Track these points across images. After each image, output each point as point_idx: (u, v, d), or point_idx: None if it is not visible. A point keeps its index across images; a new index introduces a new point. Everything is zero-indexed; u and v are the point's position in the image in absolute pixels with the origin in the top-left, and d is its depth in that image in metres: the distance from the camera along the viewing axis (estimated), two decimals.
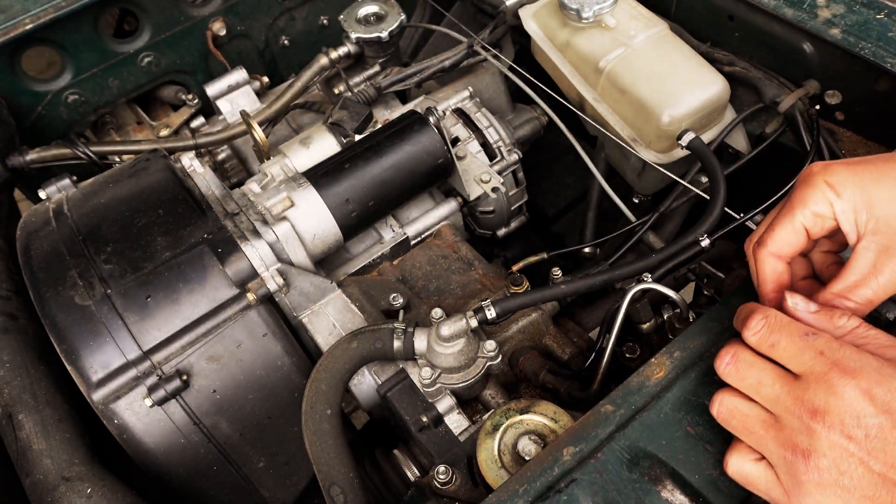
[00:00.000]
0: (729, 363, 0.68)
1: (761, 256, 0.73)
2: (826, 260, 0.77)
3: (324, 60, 1.44)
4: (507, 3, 1.44)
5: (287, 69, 1.87)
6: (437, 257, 1.25)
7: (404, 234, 1.25)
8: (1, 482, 0.99)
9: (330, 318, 1.10)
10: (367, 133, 1.25)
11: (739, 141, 1.22)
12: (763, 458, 0.66)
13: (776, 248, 0.72)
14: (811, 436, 0.61)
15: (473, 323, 0.93)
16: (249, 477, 1.03)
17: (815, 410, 0.60)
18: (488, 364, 0.98)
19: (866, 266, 0.68)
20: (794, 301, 0.69)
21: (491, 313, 0.93)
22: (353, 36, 1.43)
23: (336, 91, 1.48)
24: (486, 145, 1.32)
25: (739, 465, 0.68)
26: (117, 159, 1.46)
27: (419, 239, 1.27)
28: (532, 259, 1.23)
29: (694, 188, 1.17)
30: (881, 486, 0.59)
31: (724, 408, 0.69)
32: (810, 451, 0.61)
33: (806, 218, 0.70)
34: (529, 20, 1.33)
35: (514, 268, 1.20)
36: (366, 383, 1.06)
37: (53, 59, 1.54)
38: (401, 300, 1.10)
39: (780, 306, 0.70)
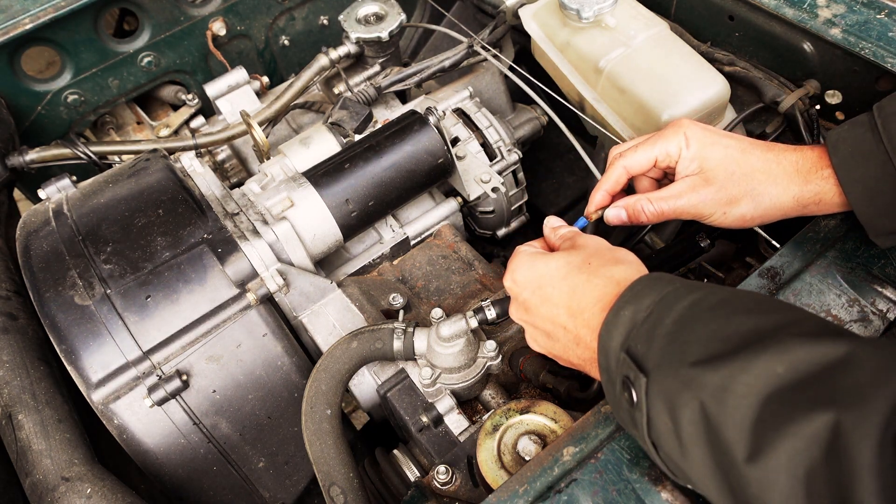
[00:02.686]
0: None
1: (616, 164, 0.95)
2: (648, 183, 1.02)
3: (324, 60, 1.44)
4: (507, 3, 1.44)
5: (287, 69, 1.87)
6: (437, 257, 1.25)
7: (404, 234, 1.25)
8: (1, 482, 0.99)
9: (330, 318, 1.10)
10: (367, 133, 1.24)
11: None
12: None
13: (628, 164, 0.95)
14: (512, 317, 0.90)
15: (473, 323, 0.93)
16: (249, 477, 1.03)
17: (511, 303, 0.89)
18: (488, 364, 0.98)
19: (675, 190, 0.91)
20: (546, 220, 0.95)
21: (491, 313, 0.93)
22: (353, 36, 1.43)
23: (336, 91, 1.48)
24: (486, 145, 1.32)
25: None
26: (117, 159, 1.46)
27: (419, 239, 1.27)
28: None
29: None
30: (546, 337, 0.83)
31: None
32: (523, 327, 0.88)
33: (660, 152, 0.92)
34: (529, 20, 1.33)
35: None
36: (366, 383, 1.06)
37: (53, 58, 1.54)
38: (401, 300, 1.10)
39: (604, 201, 0.98)
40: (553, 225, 0.94)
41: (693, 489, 0.71)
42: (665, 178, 1.00)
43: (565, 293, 0.79)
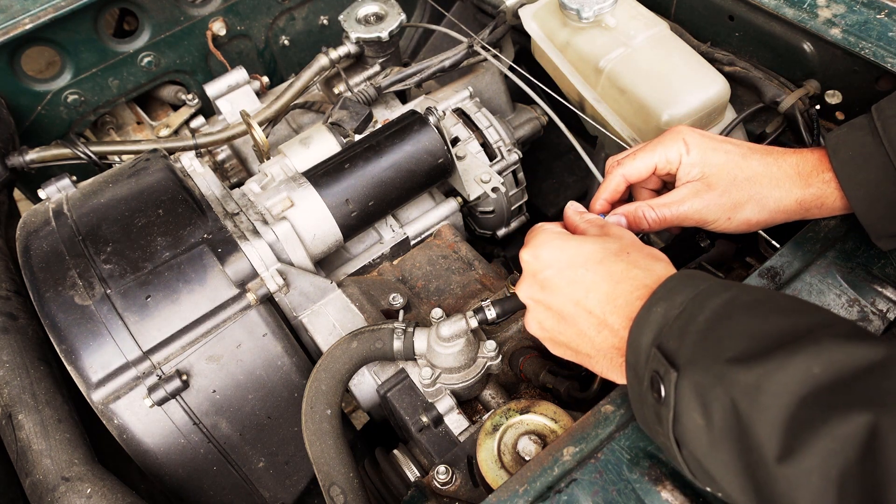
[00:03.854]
0: None
1: (614, 172, 0.94)
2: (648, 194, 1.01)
3: (324, 60, 1.44)
4: (507, 3, 1.44)
5: (287, 69, 1.87)
6: (437, 257, 1.25)
7: (404, 234, 1.25)
8: (1, 482, 0.99)
9: (330, 318, 1.10)
10: (366, 133, 1.24)
11: None
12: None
13: (627, 172, 0.93)
14: (521, 299, 0.85)
15: (473, 323, 0.93)
16: (249, 477, 1.03)
17: (521, 278, 0.85)
18: (488, 364, 0.98)
19: (678, 196, 0.90)
20: (569, 204, 0.93)
21: (491, 313, 0.93)
22: (353, 36, 1.43)
23: (336, 91, 1.48)
24: (486, 145, 1.32)
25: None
26: (117, 159, 1.46)
27: (419, 239, 1.27)
28: None
29: None
30: (558, 320, 0.80)
31: None
32: (527, 306, 0.85)
33: (660, 158, 0.91)
34: (529, 20, 1.33)
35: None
36: (366, 383, 1.06)
37: (53, 58, 1.54)
38: (401, 300, 1.10)
39: (603, 211, 0.96)
40: (578, 209, 0.92)
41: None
42: (664, 187, 1.00)
43: (601, 277, 0.77)
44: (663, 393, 0.65)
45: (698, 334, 0.64)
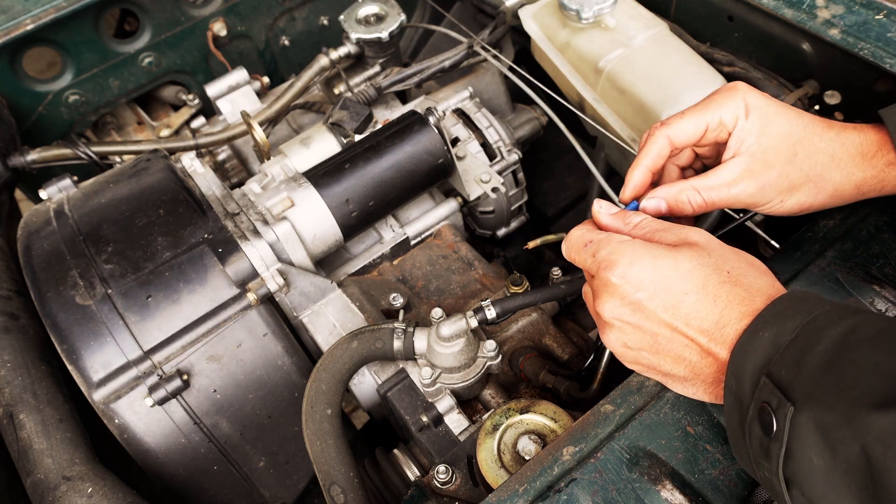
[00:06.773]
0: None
1: (657, 133, 0.79)
2: (676, 171, 0.87)
3: (324, 60, 1.45)
4: (507, 3, 1.44)
5: (287, 69, 1.87)
6: (437, 257, 1.25)
7: (404, 234, 1.25)
8: (2, 481, 0.99)
9: (330, 317, 1.11)
10: (367, 133, 1.25)
11: None
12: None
13: (673, 133, 0.78)
14: (600, 315, 0.74)
15: (473, 323, 0.93)
16: (250, 476, 1.04)
17: (597, 295, 0.73)
18: (488, 364, 0.98)
19: (728, 176, 0.76)
20: (599, 205, 0.79)
21: (491, 313, 0.93)
22: (354, 36, 1.44)
23: (336, 91, 1.48)
24: (486, 145, 1.32)
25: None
26: (118, 159, 1.46)
27: (419, 239, 1.28)
28: (550, 238, 1.06)
29: None
30: (652, 344, 0.71)
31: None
32: (602, 325, 0.74)
33: (713, 119, 0.77)
34: (529, 20, 1.33)
35: (531, 244, 1.05)
36: (366, 383, 1.06)
37: (54, 59, 1.55)
38: (401, 300, 1.10)
39: (644, 182, 0.81)
40: (610, 212, 0.78)
41: (693, 488, 0.71)
42: (697, 160, 0.87)
43: (705, 304, 0.67)
44: (775, 427, 0.59)
45: (818, 367, 0.58)
